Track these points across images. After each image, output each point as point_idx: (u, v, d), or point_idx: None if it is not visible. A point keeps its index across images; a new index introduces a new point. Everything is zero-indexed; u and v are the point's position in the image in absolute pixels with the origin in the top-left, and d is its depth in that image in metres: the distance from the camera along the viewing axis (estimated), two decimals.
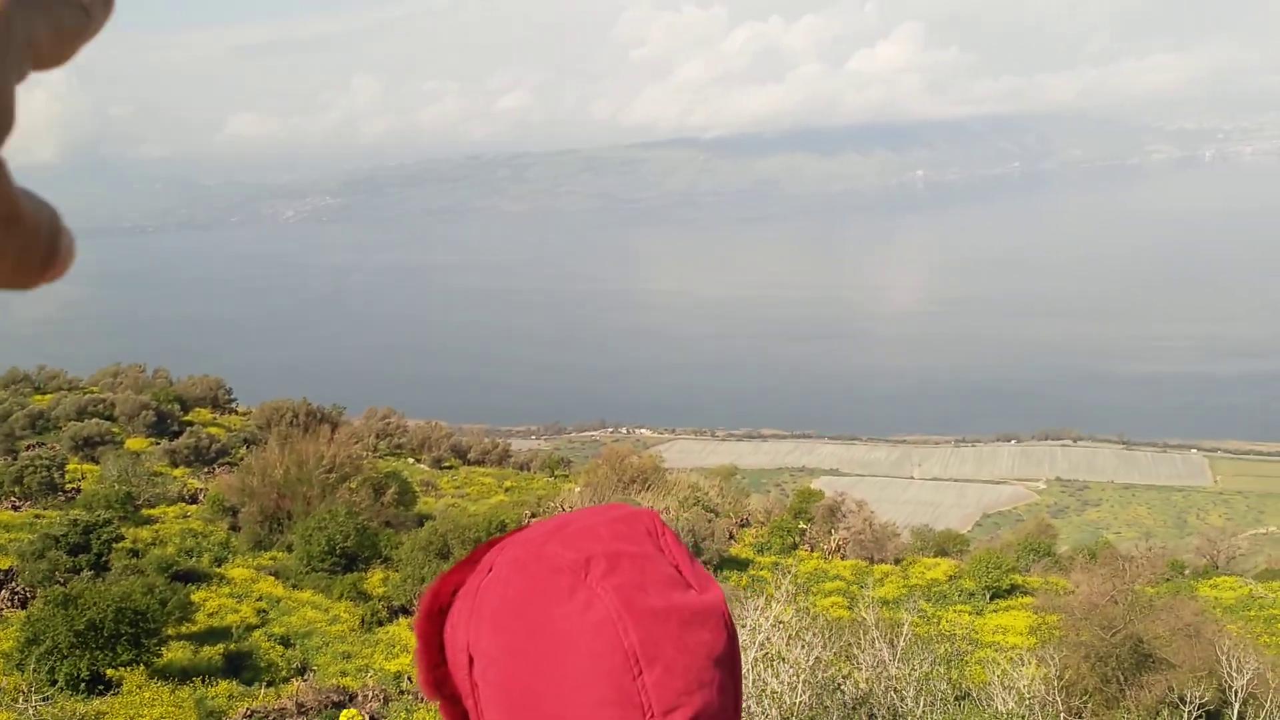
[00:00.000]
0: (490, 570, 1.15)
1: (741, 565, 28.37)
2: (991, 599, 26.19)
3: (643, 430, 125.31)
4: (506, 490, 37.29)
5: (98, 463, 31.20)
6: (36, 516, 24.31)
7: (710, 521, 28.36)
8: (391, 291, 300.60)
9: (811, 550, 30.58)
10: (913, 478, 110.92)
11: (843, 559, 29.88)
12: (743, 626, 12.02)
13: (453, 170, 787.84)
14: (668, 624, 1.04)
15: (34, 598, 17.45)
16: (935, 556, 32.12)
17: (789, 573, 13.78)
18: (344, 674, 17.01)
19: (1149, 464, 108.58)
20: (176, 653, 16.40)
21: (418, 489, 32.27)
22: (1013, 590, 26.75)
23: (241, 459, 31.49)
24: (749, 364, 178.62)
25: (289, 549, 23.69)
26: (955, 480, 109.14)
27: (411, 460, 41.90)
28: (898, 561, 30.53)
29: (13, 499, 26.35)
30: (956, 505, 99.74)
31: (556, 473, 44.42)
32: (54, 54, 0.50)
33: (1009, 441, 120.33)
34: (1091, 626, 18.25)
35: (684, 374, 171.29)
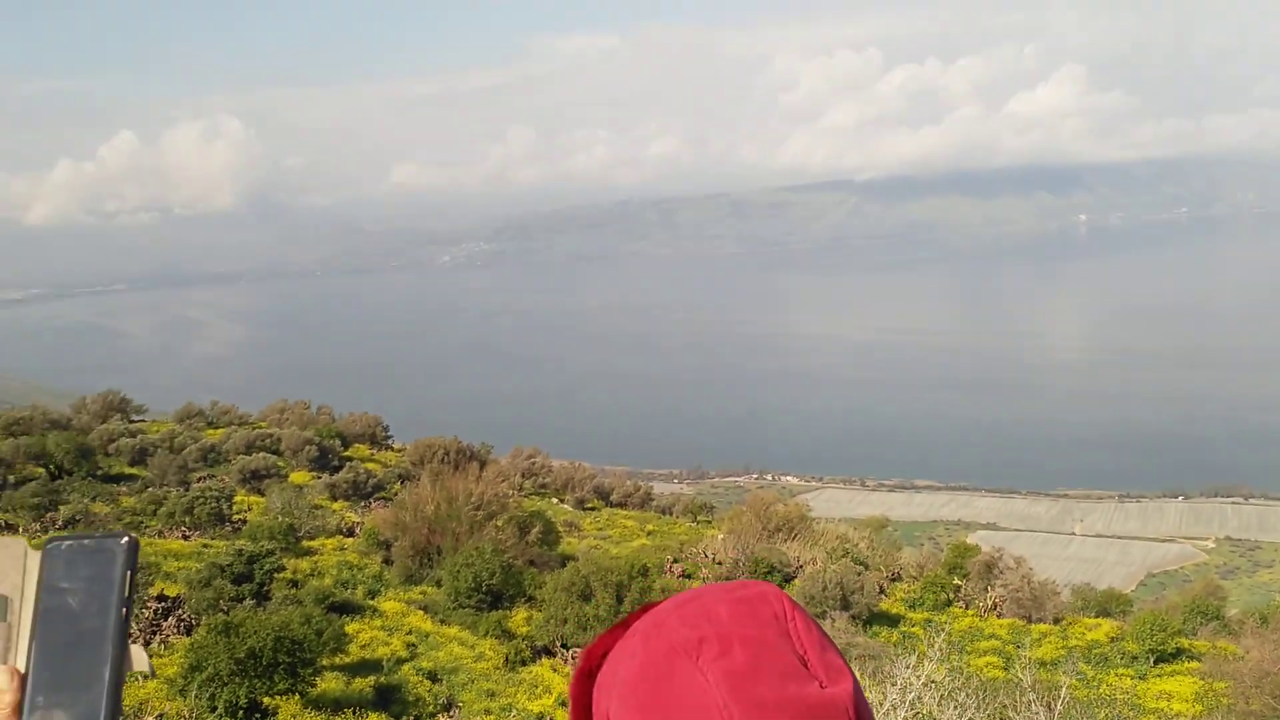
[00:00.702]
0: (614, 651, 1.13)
1: (892, 621, 27.50)
2: (1156, 663, 24.61)
3: (789, 477, 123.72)
4: (649, 534, 37.22)
5: (263, 495, 32.59)
6: (205, 546, 25.50)
7: (860, 575, 27.59)
8: (539, 334, 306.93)
9: (966, 607, 29.40)
10: (1074, 534, 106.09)
11: (999, 617, 28.61)
12: (893, 684, 11.61)
13: (601, 215, 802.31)
14: (778, 717, 1.00)
15: (198, 625, 18.22)
16: (1097, 617, 30.44)
17: (942, 630, 13.25)
18: (488, 712, 17.14)
19: None
20: (330, 683, 16.83)
21: (561, 529, 32.53)
22: (1178, 654, 25.07)
23: (396, 494, 32.41)
24: (901, 412, 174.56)
25: (438, 584, 24.14)
26: (1119, 537, 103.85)
27: (555, 500, 42.34)
28: (1057, 621, 29.04)
29: (183, 528, 27.74)
30: (1120, 563, 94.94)
31: (699, 518, 44.14)
32: None
33: (1176, 498, 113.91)
34: (1262, 695, 16.93)
35: (832, 420, 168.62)
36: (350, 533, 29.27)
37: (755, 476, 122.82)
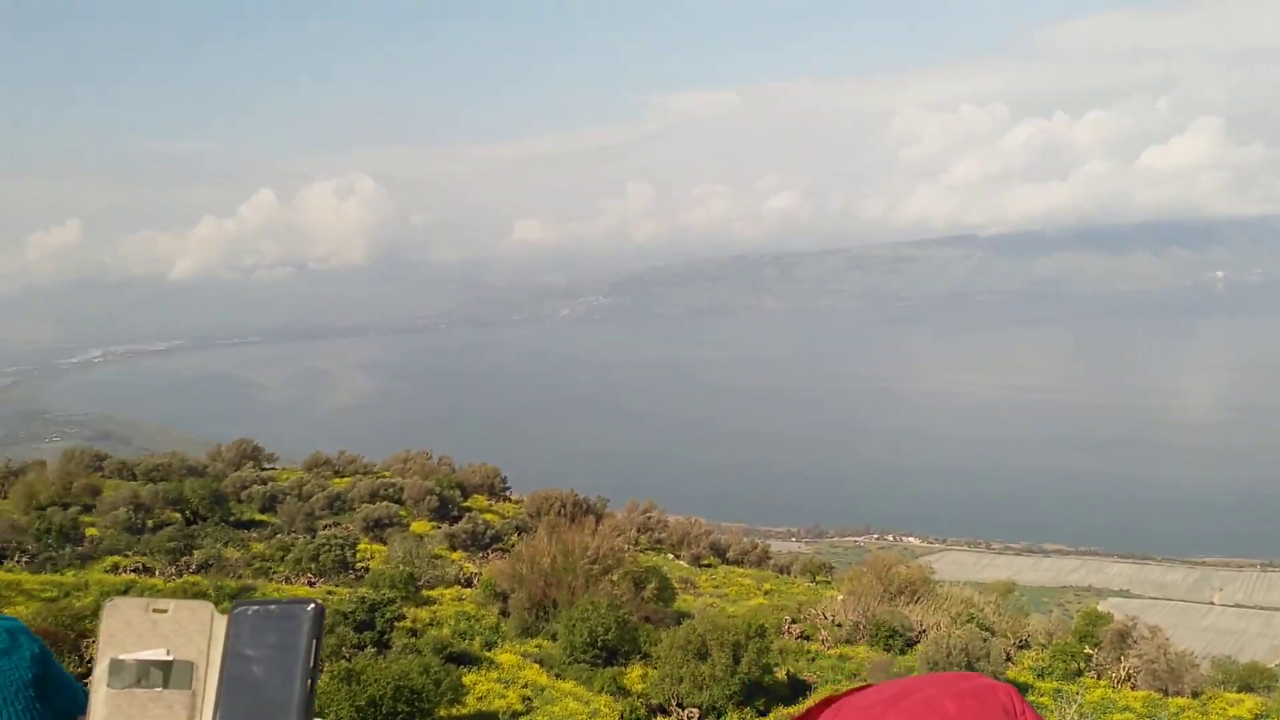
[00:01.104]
0: None
1: (1020, 690, 26.27)
2: None
3: (910, 538, 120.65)
4: (766, 593, 36.58)
5: (385, 543, 33.23)
6: (329, 592, 26.06)
7: (985, 641, 26.53)
8: (655, 388, 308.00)
9: (1098, 678, 27.98)
10: (1212, 603, 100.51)
11: (1133, 689, 27.12)
12: None
13: (719, 269, 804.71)
14: None
15: (321, 672, 18.52)
16: (1239, 692, 28.59)
17: (1074, 701, 12.58)
18: None
19: None
20: None
21: (677, 586, 32.22)
22: None
23: (513, 545, 32.64)
24: (1028, 472, 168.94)
25: (553, 637, 24.12)
26: (1261, 608, 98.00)
27: (671, 556, 42.04)
28: (1196, 695, 27.37)
29: (309, 575, 28.43)
30: (1263, 635, 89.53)
31: (818, 578, 43.25)
32: None
33: None
34: None
35: (956, 480, 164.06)
36: (468, 583, 29.56)
37: (876, 537, 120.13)
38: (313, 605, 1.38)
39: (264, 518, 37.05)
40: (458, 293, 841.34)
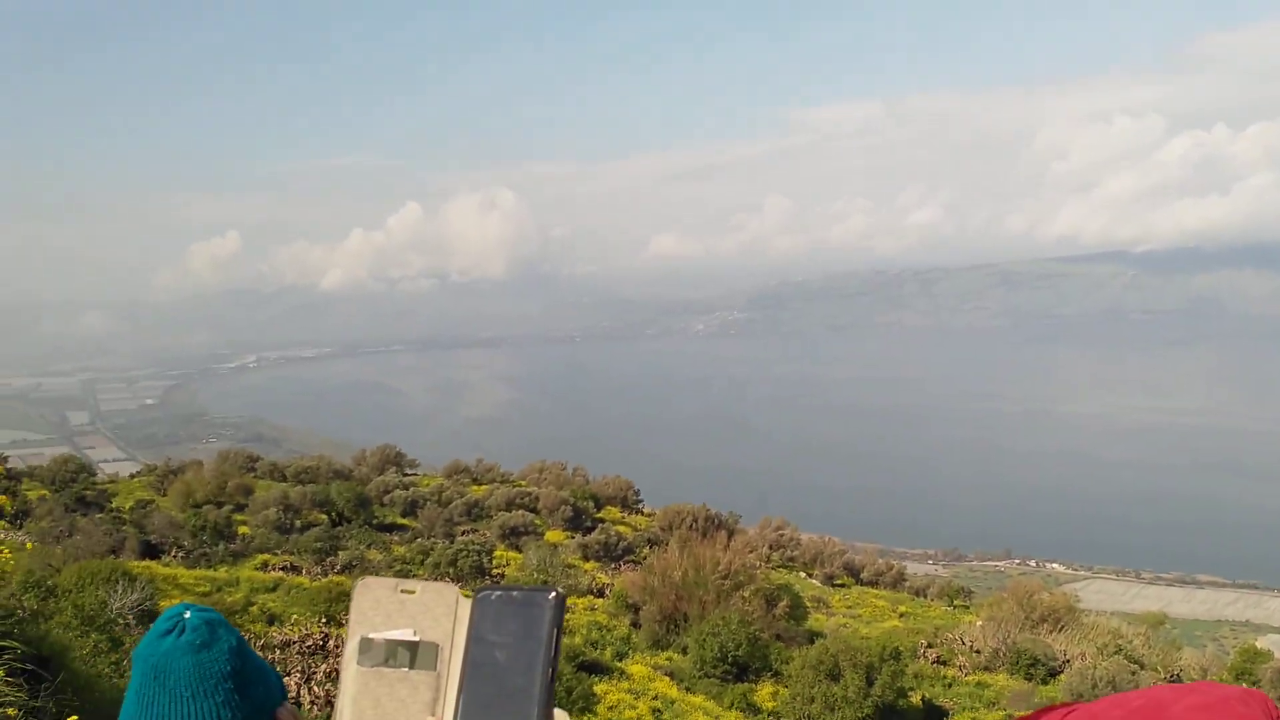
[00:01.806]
0: None
1: None
2: None
3: (1054, 565, 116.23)
4: (901, 616, 35.81)
5: (521, 551, 33.88)
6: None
7: (1134, 674, 25.36)
8: (790, 404, 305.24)
9: None
10: None
11: None
12: None
13: (857, 285, 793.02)
14: None
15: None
16: None
17: None
18: None
19: None
20: None
21: (809, 604, 31.84)
22: None
23: (644, 558, 32.84)
24: (1182, 498, 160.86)
25: (683, 651, 24.14)
26: None
27: (803, 574, 41.58)
28: None
29: (448, 579, 29.20)
30: None
31: (956, 602, 42.08)
32: None
33: None
34: None
35: (1104, 505, 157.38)
36: (600, 593, 29.86)
37: (1017, 562, 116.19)
38: (554, 594, 1.38)
39: (405, 522, 38.25)
40: (593, 307, 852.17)
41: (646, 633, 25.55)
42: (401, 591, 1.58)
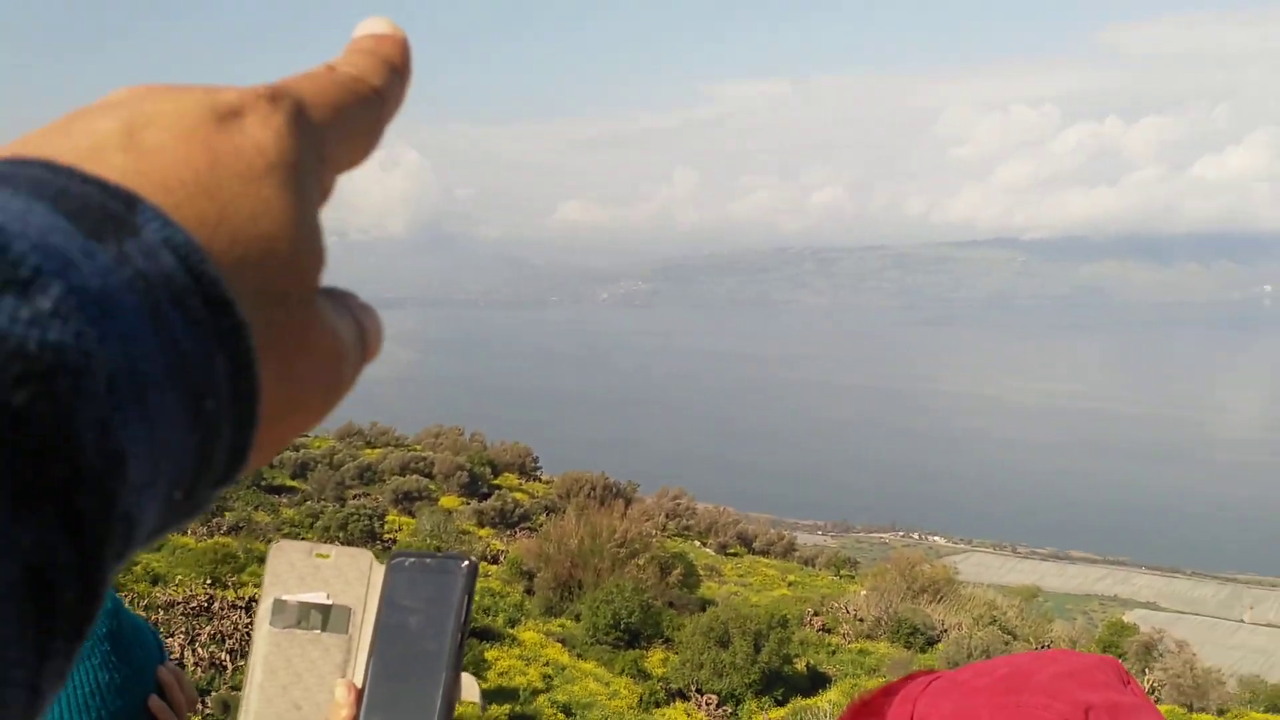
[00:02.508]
0: None
1: None
2: None
3: (936, 538, 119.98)
4: (789, 584, 36.67)
5: (414, 516, 33.62)
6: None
7: (1007, 644, 26.48)
8: (692, 376, 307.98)
9: None
10: (1243, 621, 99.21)
11: (1157, 703, 26.85)
12: None
13: (760, 260, 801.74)
14: None
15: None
16: (1265, 712, 28.34)
17: None
18: None
19: None
20: (466, 708, 17.14)
21: (702, 573, 32.36)
22: None
23: (541, 525, 32.92)
24: (1059, 478, 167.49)
25: (577, 618, 24.36)
26: None
27: (698, 543, 42.18)
28: (1221, 713, 27.20)
29: (338, 543, 28.77)
30: None
31: (842, 572, 43.24)
32: (355, 157, 0.51)
33: None
34: None
35: (985, 482, 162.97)
36: (495, 560, 29.86)
37: (902, 534, 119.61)
38: (468, 562, 1.38)
39: (294, 484, 37.57)
40: (498, 270, 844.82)
41: (540, 600, 25.69)
42: (316, 556, 1.58)
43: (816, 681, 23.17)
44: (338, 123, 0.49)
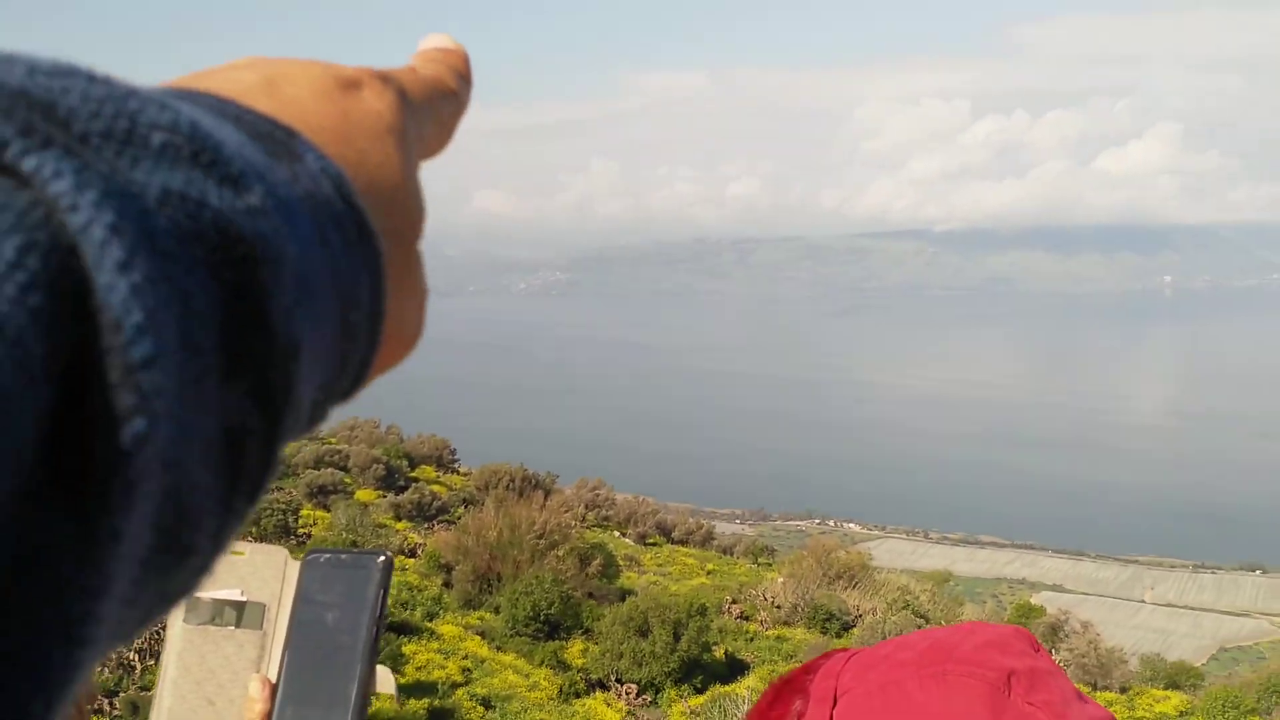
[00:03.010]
0: (840, 699, 1.05)
1: None
2: None
3: (851, 525, 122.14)
4: (708, 573, 36.99)
5: (329, 511, 33.08)
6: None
7: (920, 628, 27.08)
8: (611, 367, 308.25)
9: None
10: (1144, 601, 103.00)
11: None
12: None
13: (679, 251, 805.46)
14: None
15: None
16: (1166, 689, 29.47)
17: None
18: None
19: None
20: (384, 702, 16.96)
21: (621, 563, 32.47)
22: None
23: (459, 518, 32.66)
24: (969, 465, 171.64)
25: (496, 610, 24.26)
26: (1191, 608, 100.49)
27: (617, 534, 42.28)
28: (1124, 690, 28.20)
29: (250, 539, 28.24)
30: (1191, 635, 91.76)
31: (760, 560, 43.75)
32: (438, 145, 0.59)
33: (1253, 571, 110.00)
34: None
35: (898, 470, 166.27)
36: (412, 553, 29.56)
37: (818, 522, 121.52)
38: (383, 557, 1.39)
39: None
40: None
41: (459, 593, 25.51)
42: (230, 553, 1.57)
43: (735, 668, 23.43)
44: (426, 110, 0.57)
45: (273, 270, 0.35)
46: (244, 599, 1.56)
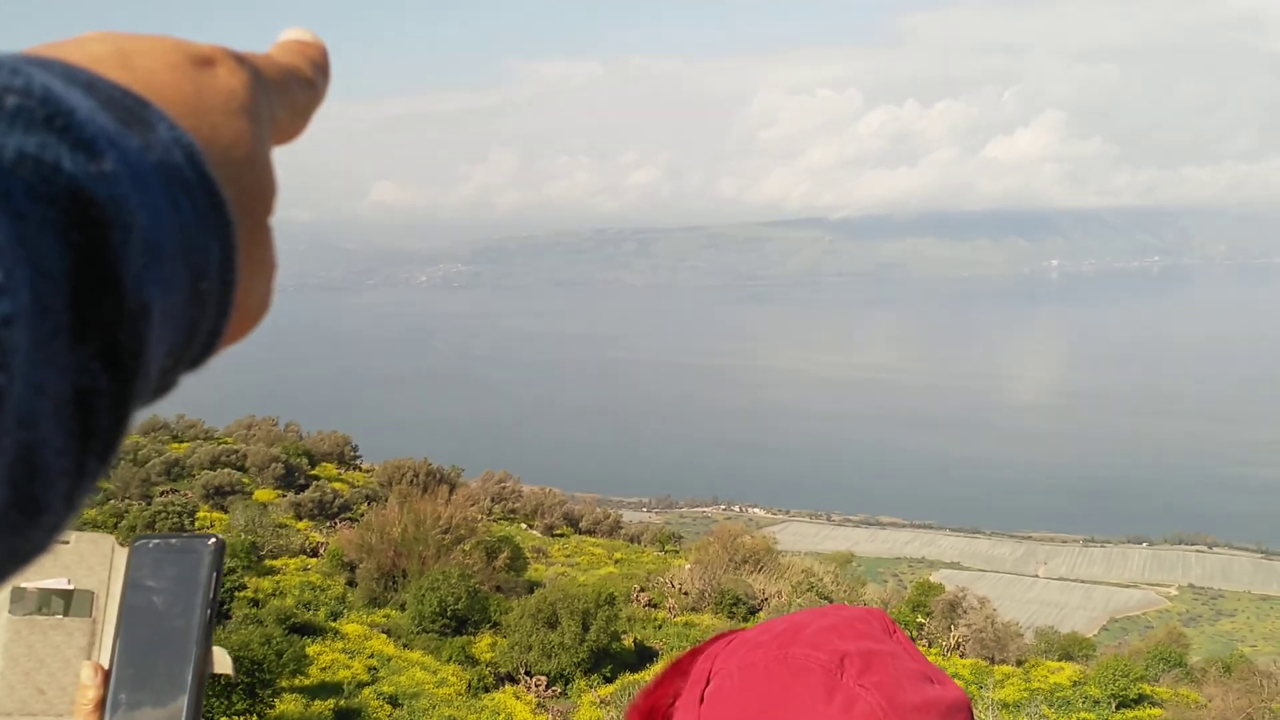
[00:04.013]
0: (711, 680, 1.09)
1: None
2: (1118, 708, 24.74)
3: (756, 510, 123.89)
4: (616, 562, 37.12)
5: (227, 512, 32.26)
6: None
7: None
8: (514, 358, 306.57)
9: (929, 646, 29.46)
10: (1037, 576, 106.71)
11: (962, 657, 28.68)
12: None
13: (580, 242, 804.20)
14: (928, 719, 1.04)
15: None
16: (1060, 660, 30.58)
17: None
18: None
19: None
20: (289, 704, 16.64)
21: (529, 555, 32.38)
22: (1140, 700, 25.22)
23: (362, 515, 32.15)
24: (868, 447, 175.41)
25: (402, 608, 23.97)
26: (1082, 581, 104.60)
27: (524, 526, 42.15)
28: (1020, 663, 29.16)
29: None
30: (1082, 608, 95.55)
31: (667, 548, 44.06)
32: (291, 130, 0.58)
33: (1140, 544, 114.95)
34: None
35: (800, 454, 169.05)
36: (314, 553, 29.02)
37: (723, 507, 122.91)
38: (214, 540, 1.37)
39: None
40: (310, 254, 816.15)
41: (363, 591, 25.13)
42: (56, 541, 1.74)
43: (644, 656, 23.58)
44: (280, 94, 0.56)
45: (124, 234, 0.36)
46: (71, 587, 1.55)
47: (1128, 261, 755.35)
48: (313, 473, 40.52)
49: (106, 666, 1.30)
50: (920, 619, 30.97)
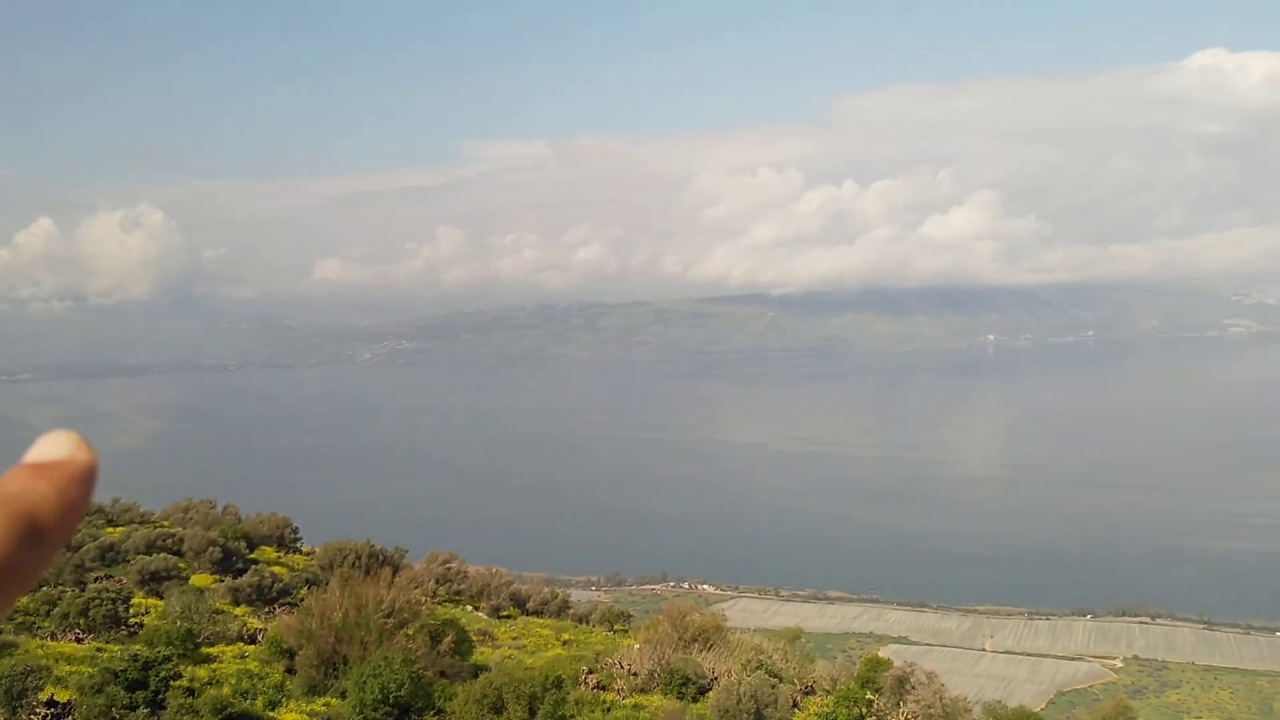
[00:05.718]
0: None
1: None
2: None
3: (705, 586, 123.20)
4: (564, 643, 36.58)
5: (162, 597, 31.39)
6: (99, 650, 24.39)
7: (774, 687, 27.40)
8: (460, 435, 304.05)
9: None
10: (984, 650, 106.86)
11: None
12: None
13: (527, 318, 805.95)
14: None
15: None
16: None
17: None
18: None
19: (1232, 646, 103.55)
20: None
21: (475, 638, 31.81)
22: None
23: (303, 599, 31.43)
24: (814, 522, 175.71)
25: (343, 695, 23.36)
26: (1029, 654, 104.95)
27: (470, 608, 41.46)
28: None
29: (77, 631, 26.55)
30: (1030, 681, 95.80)
31: (616, 627, 43.53)
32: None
33: (1084, 616, 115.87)
34: None
35: (748, 529, 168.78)
36: (253, 639, 28.26)
37: (672, 585, 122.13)
38: None
39: None
40: (254, 332, 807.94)
41: (303, 678, 24.48)
42: None
43: None
44: None
45: None
46: None
47: (1063, 336, 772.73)
48: (251, 556, 39.62)
49: None
50: (870, 696, 30.82)
